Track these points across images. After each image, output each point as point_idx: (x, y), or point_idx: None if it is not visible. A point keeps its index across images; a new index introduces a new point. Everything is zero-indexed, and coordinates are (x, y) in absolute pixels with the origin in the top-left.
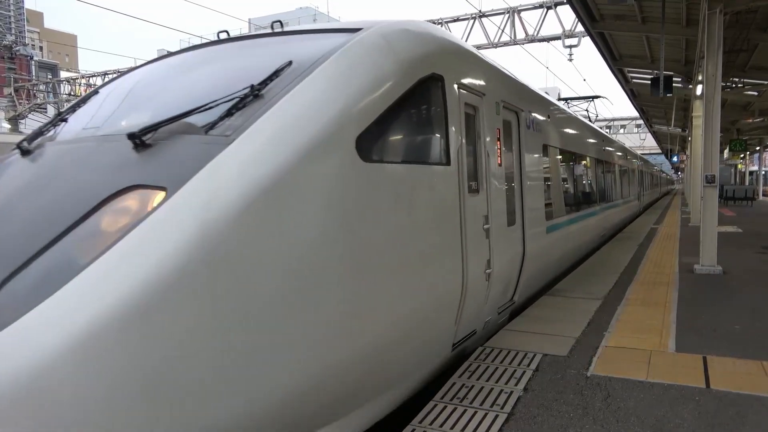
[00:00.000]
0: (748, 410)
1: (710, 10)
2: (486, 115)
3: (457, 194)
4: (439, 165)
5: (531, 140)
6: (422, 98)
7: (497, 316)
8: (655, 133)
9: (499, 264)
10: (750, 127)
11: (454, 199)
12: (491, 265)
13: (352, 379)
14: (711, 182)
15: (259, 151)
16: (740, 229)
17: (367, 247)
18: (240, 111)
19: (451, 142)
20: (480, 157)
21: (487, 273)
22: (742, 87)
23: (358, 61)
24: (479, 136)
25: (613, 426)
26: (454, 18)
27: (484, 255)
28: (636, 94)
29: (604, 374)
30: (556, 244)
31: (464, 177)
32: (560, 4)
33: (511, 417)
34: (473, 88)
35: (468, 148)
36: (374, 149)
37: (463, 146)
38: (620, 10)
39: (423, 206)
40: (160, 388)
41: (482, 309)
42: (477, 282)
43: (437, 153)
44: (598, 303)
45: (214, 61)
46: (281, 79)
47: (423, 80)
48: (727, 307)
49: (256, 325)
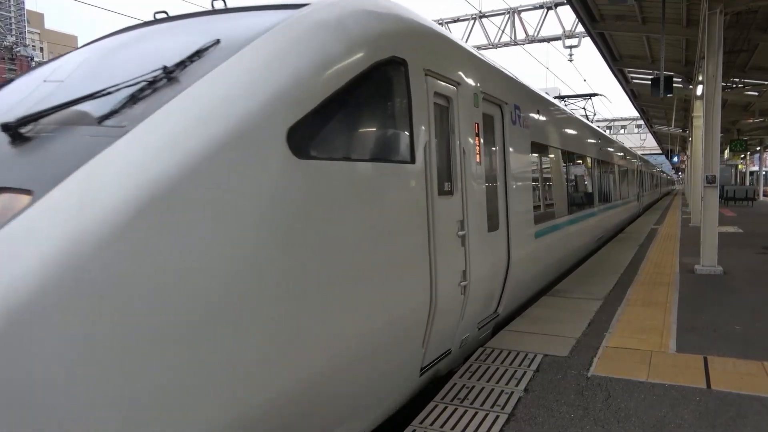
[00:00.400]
0: (748, 411)
1: (710, 10)
2: (461, 107)
3: (424, 196)
4: (400, 163)
5: (517, 137)
6: (379, 85)
7: (477, 332)
8: (655, 133)
9: (478, 274)
10: (750, 127)
11: (419, 203)
12: (467, 276)
13: (278, 425)
14: (711, 182)
15: (157, 145)
16: (741, 230)
17: (298, 264)
18: (146, 97)
19: (416, 136)
20: (454, 155)
21: (463, 285)
22: (742, 87)
23: (296, 39)
24: (453, 131)
25: (614, 426)
26: (454, 18)
27: (458, 265)
28: (636, 95)
29: (604, 375)
30: (547, 249)
31: (433, 177)
32: (560, 4)
33: (511, 417)
34: (445, 76)
35: (439, 144)
36: (313, 144)
37: (432, 142)
38: (620, 10)
39: (378, 211)
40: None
41: (457, 326)
42: (449, 296)
43: (398, 149)
44: (599, 303)
45: (142, 42)
46: (203, 61)
47: (380, 64)
48: (727, 308)
49: (139, 376)
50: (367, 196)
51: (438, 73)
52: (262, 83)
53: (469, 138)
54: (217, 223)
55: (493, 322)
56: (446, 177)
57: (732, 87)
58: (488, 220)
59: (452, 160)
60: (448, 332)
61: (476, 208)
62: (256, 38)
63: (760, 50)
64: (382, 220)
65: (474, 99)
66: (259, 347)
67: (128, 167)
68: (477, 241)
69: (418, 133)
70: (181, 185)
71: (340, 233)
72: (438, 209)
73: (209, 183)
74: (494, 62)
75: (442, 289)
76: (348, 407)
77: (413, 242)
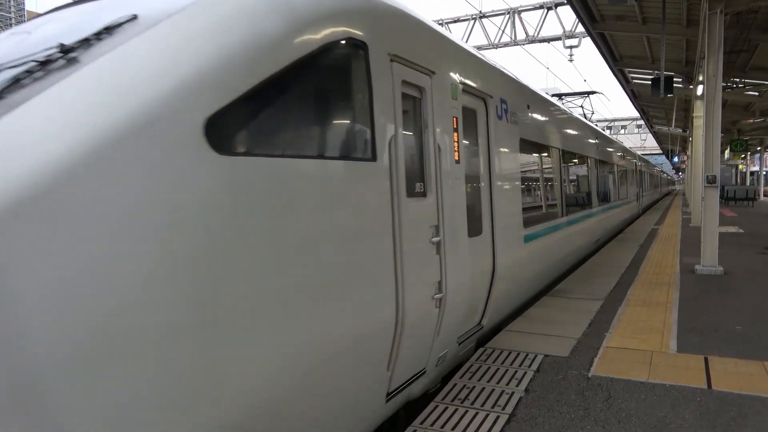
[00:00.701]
0: (749, 411)
1: (711, 10)
2: (437, 99)
3: (388, 199)
4: (357, 160)
5: (504, 133)
6: (331, 69)
7: (457, 348)
8: (655, 133)
9: (456, 285)
10: (751, 127)
11: (381, 206)
12: (443, 288)
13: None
14: (712, 182)
15: (37, 133)
16: (741, 230)
17: (210, 286)
18: (38, 78)
19: (378, 130)
20: (428, 152)
21: (438, 298)
22: (742, 87)
23: (225, 13)
24: (427, 126)
25: (615, 427)
26: (454, 19)
27: (431, 275)
28: (637, 95)
29: (605, 375)
30: (538, 255)
31: (400, 177)
32: (561, 4)
33: (512, 418)
34: (416, 63)
35: (409, 139)
36: (240, 137)
37: (399, 137)
38: (621, 10)
39: (327, 217)
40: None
41: (432, 343)
42: (420, 311)
43: (354, 144)
44: (599, 303)
45: (59, 22)
46: (114, 39)
47: (332, 45)
48: (728, 308)
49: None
50: (313, 199)
51: (407, 60)
52: (176, 63)
53: (445, 134)
54: (104, 234)
55: (477, 335)
56: (418, 177)
57: (732, 87)
58: (469, 224)
59: (425, 158)
60: (420, 351)
61: (454, 211)
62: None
63: (761, 50)
64: (333, 228)
65: (452, 90)
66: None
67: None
68: (455, 248)
69: (380, 126)
70: (64, 180)
71: (273, 245)
72: (406, 213)
73: (95, 184)
74: (478, 52)
75: (411, 303)
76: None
77: (373, 251)
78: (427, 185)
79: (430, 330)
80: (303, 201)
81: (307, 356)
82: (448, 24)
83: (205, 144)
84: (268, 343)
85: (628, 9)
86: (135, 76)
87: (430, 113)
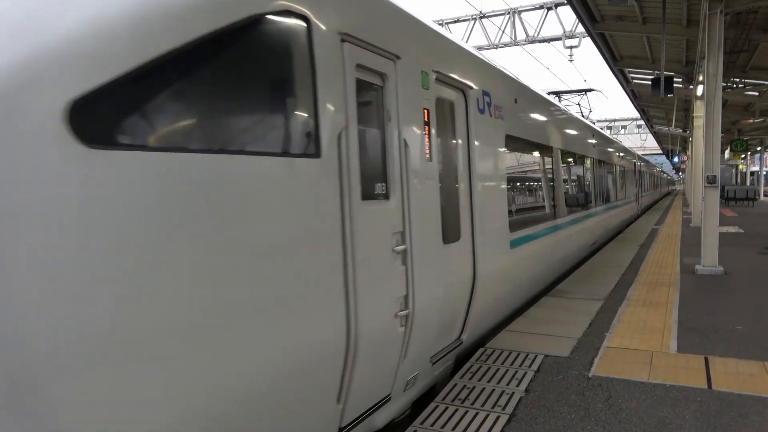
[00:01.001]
0: (749, 411)
1: (711, 10)
2: (403, 87)
3: (337, 202)
4: (292, 156)
5: (487, 129)
6: (257, 46)
7: (431, 368)
8: (656, 133)
9: (427, 298)
10: (751, 127)
11: (326, 210)
12: (410, 303)
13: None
14: (712, 183)
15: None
16: (741, 230)
17: (86, 309)
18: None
19: (323, 121)
20: (392, 148)
21: (403, 315)
22: (742, 87)
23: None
24: (390, 117)
25: (615, 427)
26: (454, 19)
27: (395, 290)
28: (637, 95)
29: (605, 375)
30: (526, 260)
31: (353, 176)
32: (561, 4)
33: (512, 418)
34: (376, 45)
35: (367, 133)
36: (122, 126)
37: (352, 130)
38: (621, 10)
39: (247, 225)
40: None
41: (397, 366)
42: (380, 332)
43: (289, 138)
44: (600, 303)
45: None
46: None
47: (260, 17)
48: (728, 308)
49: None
50: (227, 204)
51: (364, 41)
52: (29, 31)
53: (414, 127)
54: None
55: (456, 351)
56: (379, 176)
57: (732, 87)
58: (445, 229)
59: (388, 154)
60: (382, 376)
61: (425, 214)
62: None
63: (761, 50)
64: (254, 239)
65: (422, 79)
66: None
67: None
68: (426, 257)
69: (326, 117)
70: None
71: (165, 265)
72: (361, 218)
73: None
74: (458, 40)
75: (368, 324)
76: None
77: (311, 265)
78: (391, 186)
79: (394, 351)
80: (210, 207)
81: (216, 398)
82: (448, 24)
83: (68, 134)
84: (153, 382)
85: (628, 9)
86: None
87: (393, 103)
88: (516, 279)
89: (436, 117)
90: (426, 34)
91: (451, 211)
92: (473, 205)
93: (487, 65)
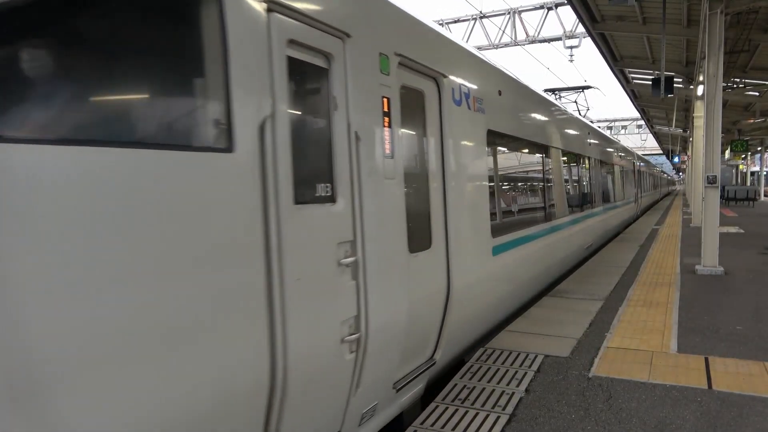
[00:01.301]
0: (750, 411)
1: (711, 10)
2: (355, 71)
3: (257, 206)
4: (191, 150)
5: (464, 122)
6: (140, 10)
7: (394, 395)
8: (656, 133)
9: (386, 318)
10: (751, 127)
11: (241, 216)
12: (362, 325)
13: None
14: (712, 183)
15: None
16: (742, 230)
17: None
18: None
19: (237, 107)
20: (339, 142)
21: (352, 340)
22: (743, 87)
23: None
24: (337, 106)
25: (615, 427)
26: (454, 19)
27: (341, 310)
28: (637, 95)
29: (605, 375)
30: (512, 268)
31: (281, 174)
32: (561, 4)
33: (512, 418)
34: (317, 19)
35: (306, 123)
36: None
37: (280, 119)
38: (621, 10)
39: (125, 236)
40: None
41: (347, 398)
42: (319, 362)
43: (187, 126)
44: (600, 304)
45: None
46: None
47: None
48: (728, 308)
49: None
50: (101, 211)
51: (299, 12)
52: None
53: (368, 118)
54: None
55: (428, 372)
56: (321, 175)
57: (733, 87)
58: (412, 235)
59: (335, 149)
60: (325, 412)
61: (384, 219)
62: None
63: (761, 50)
64: (135, 253)
65: (381, 63)
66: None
67: None
68: (385, 269)
69: (241, 102)
70: None
71: (18, 279)
72: (293, 226)
73: None
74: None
75: (300, 354)
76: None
77: (218, 285)
78: (338, 186)
79: (341, 382)
80: (72, 214)
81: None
82: (449, 24)
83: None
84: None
85: (628, 9)
86: None
87: (342, 89)
88: (500, 289)
89: (400, 107)
90: (385, 11)
91: (419, 215)
92: (447, 207)
93: (465, 52)
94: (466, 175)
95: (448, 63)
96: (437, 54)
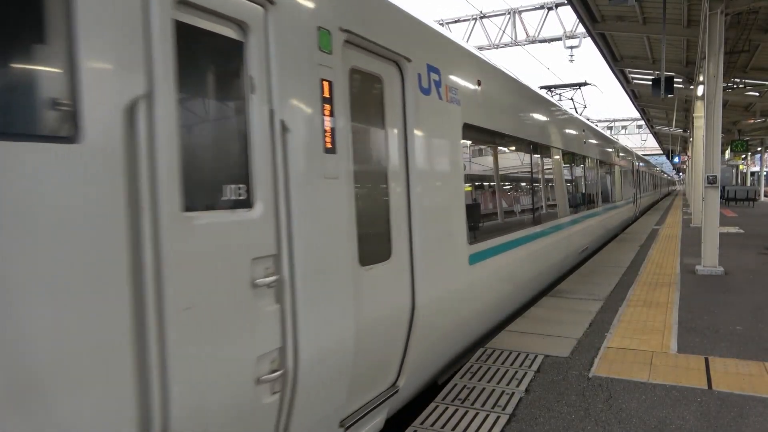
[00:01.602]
0: (750, 411)
1: (711, 10)
2: (281, 46)
3: (120, 214)
4: (17, 141)
5: (434, 114)
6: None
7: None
8: (656, 134)
9: (326, 345)
10: (751, 127)
11: (94, 228)
12: (288, 359)
13: None
14: (712, 183)
15: None
16: (742, 230)
17: None
18: None
19: (87, 84)
20: (256, 133)
21: (274, 378)
22: (743, 88)
23: None
24: (255, 88)
25: (615, 427)
26: (455, 19)
27: (256, 343)
28: (637, 95)
29: (605, 375)
30: (492, 279)
31: (161, 172)
32: (561, 5)
33: (512, 418)
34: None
35: (208, 108)
36: None
37: (164, 102)
38: (621, 10)
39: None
40: None
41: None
42: (222, 411)
43: (8, 109)
44: (600, 304)
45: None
46: None
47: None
48: (728, 308)
49: None
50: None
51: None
52: None
53: (300, 103)
54: None
55: (389, 401)
56: (231, 174)
57: (733, 87)
58: (365, 245)
59: (251, 141)
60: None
61: (323, 227)
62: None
63: (761, 51)
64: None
65: (320, 38)
66: None
67: None
68: (324, 287)
69: (95, 77)
70: None
71: None
72: (179, 240)
73: None
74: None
75: (189, 404)
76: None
77: (55, 321)
78: (255, 188)
79: (261, 429)
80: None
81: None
82: (449, 24)
83: None
84: None
85: (628, 9)
86: None
87: (262, 68)
88: (479, 301)
89: (347, 94)
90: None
91: (375, 220)
92: (412, 212)
93: (436, 34)
94: (435, 174)
95: (414, 45)
96: (400, 34)
